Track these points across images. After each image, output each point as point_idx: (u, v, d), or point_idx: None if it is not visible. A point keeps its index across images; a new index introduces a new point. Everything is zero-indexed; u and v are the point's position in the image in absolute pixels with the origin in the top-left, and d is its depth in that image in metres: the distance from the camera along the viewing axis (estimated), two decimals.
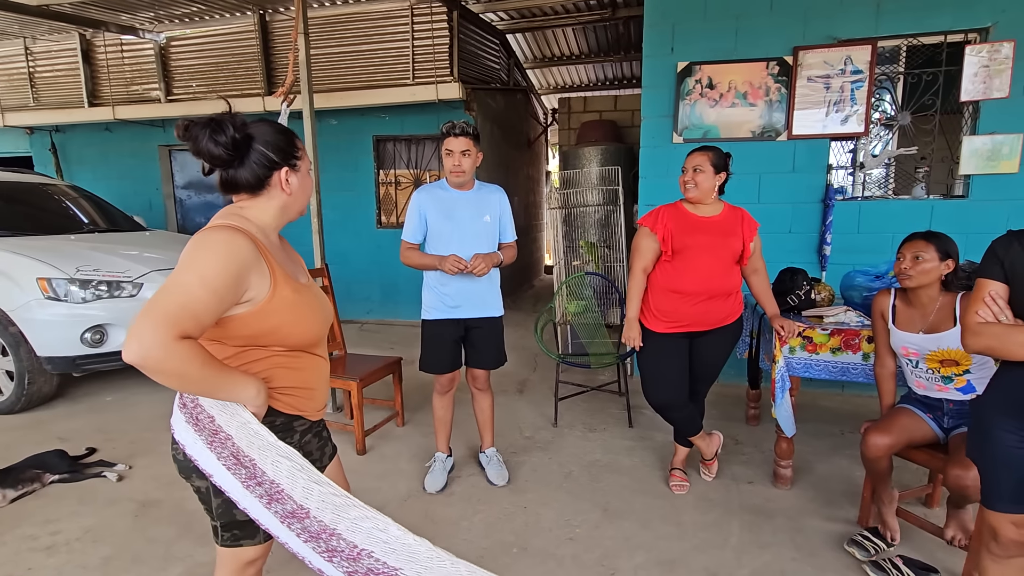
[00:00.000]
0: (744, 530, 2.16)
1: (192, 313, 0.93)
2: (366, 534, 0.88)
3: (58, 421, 3.29)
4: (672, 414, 2.36)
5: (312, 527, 0.92)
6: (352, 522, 0.90)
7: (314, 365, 1.21)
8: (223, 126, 1.03)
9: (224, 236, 1.01)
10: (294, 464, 0.96)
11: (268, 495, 0.96)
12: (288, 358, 1.14)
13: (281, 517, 0.95)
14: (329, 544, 0.90)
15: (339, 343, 3.17)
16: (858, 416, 3.23)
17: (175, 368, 0.91)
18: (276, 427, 1.15)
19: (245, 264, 1.01)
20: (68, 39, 6.08)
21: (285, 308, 1.08)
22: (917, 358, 1.95)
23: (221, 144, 1.03)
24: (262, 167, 1.09)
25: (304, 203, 1.21)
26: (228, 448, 1.00)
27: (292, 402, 1.17)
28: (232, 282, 0.98)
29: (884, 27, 3.29)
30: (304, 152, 1.18)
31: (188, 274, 0.95)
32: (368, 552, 0.88)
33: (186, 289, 0.94)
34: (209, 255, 0.98)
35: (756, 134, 3.55)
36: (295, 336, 1.13)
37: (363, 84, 5.38)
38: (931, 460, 1.92)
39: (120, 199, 5.87)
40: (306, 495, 0.93)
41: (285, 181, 1.12)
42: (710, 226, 2.21)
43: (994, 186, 3.26)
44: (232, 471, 0.99)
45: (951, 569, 1.89)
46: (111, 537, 2.13)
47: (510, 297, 6.27)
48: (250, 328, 1.06)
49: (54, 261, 3.33)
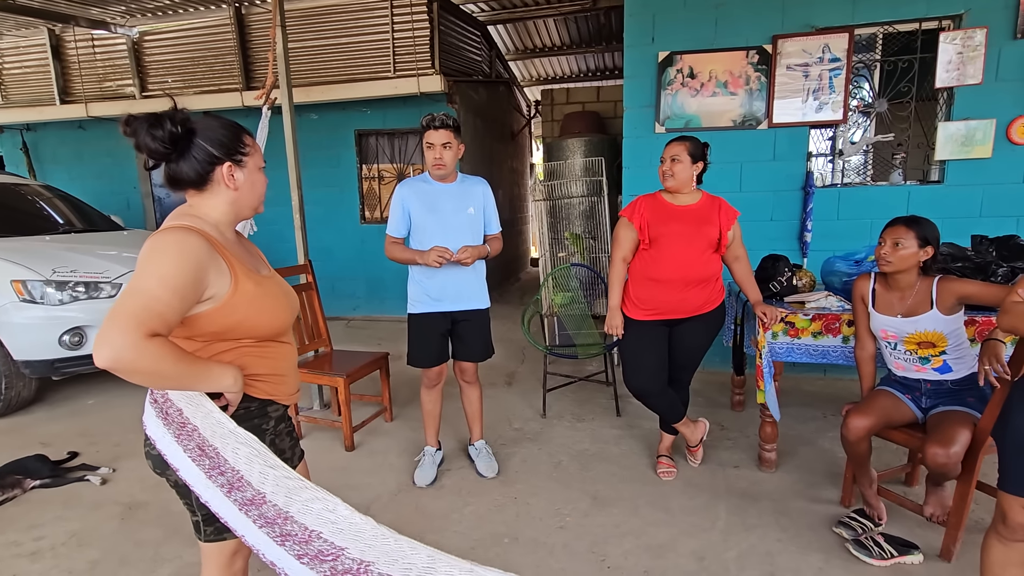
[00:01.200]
0: (731, 513, 2.20)
1: (156, 313, 0.93)
2: (316, 515, 0.89)
3: (39, 426, 3.23)
4: (651, 400, 2.39)
5: (268, 513, 0.93)
6: (303, 504, 0.91)
7: (283, 352, 1.23)
8: (161, 120, 1.04)
9: (176, 236, 1.02)
10: (252, 450, 0.97)
11: (229, 484, 0.97)
12: (257, 348, 1.16)
13: (240, 505, 0.96)
14: (284, 529, 0.91)
15: (325, 340, 3.15)
16: (840, 399, 3.30)
17: (149, 366, 0.92)
18: (252, 412, 1.17)
19: (201, 261, 1.02)
20: (37, 34, 5.91)
21: (249, 301, 1.10)
22: (896, 340, 1.99)
23: (158, 139, 1.04)
24: (203, 162, 1.09)
25: (255, 200, 1.19)
26: (194, 440, 1.01)
27: (265, 387, 1.18)
28: (191, 280, 0.99)
29: (860, 15, 3.33)
30: (254, 148, 1.17)
31: (146, 278, 0.96)
32: (318, 533, 0.89)
33: (147, 291, 0.95)
34: (164, 257, 0.99)
35: (737, 123, 3.58)
36: (262, 327, 1.15)
37: (343, 78, 5.30)
38: (910, 440, 1.97)
39: (97, 198, 5.75)
40: (262, 480, 0.95)
41: (229, 176, 1.12)
42: (686, 215, 2.24)
43: (969, 171, 3.32)
44: (196, 462, 1.01)
45: (930, 544, 1.95)
46: (97, 541, 2.11)
47: (496, 290, 6.27)
48: (217, 324, 1.08)
49: (29, 263, 3.25)
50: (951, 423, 1.77)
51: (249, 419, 1.16)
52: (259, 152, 1.19)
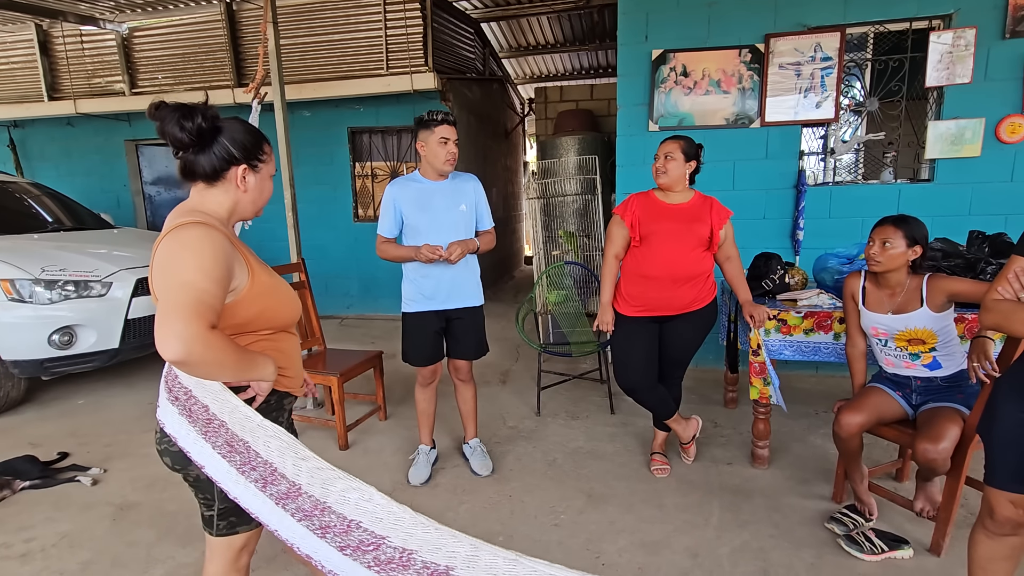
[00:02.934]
0: (724, 510, 2.21)
1: (209, 305, 0.96)
2: (354, 505, 0.89)
3: (28, 426, 3.20)
4: (641, 396, 2.40)
5: (305, 505, 0.92)
6: (340, 493, 0.90)
7: (292, 343, 1.27)
8: (193, 113, 1.06)
9: (201, 231, 1.03)
10: (282, 443, 0.97)
11: (263, 478, 0.97)
12: (272, 340, 1.19)
13: (276, 499, 0.95)
14: (322, 520, 0.91)
15: (319, 338, 3.13)
16: (831, 396, 3.33)
17: (215, 357, 0.94)
18: (271, 406, 1.20)
19: (228, 254, 1.05)
20: (24, 30, 5.83)
21: (267, 292, 1.14)
22: (886, 337, 2.01)
23: (186, 129, 1.05)
24: (221, 159, 1.12)
25: (256, 207, 1.22)
26: (222, 436, 1.01)
27: (282, 380, 1.21)
28: (225, 271, 1.02)
29: (852, 14, 3.36)
30: (270, 158, 1.20)
31: (189, 272, 0.97)
32: (357, 523, 0.88)
33: (195, 284, 0.96)
34: (199, 250, 1.00)
35: (730, 121, 3.60)
36: (280, 317, 1.19)
37: (336, 75, 5.27)
38: (900, 436, 1.99)
39: (86, 196, 5.69)
40: (296, 472, 0.94)
41: (242, 178, 1.14)
42: (677, 213, 2.25)
43: (958, 170, 3.36)
44: (227, 459, 1.00)
45: (920, 540, 1.97)
46: (89, 542, 2.09)
47: (491, 288, 6.27)
48: (240, 315, 1.10)
49: (17, 261, 3.21)
50: (941, 419, 1.79)
51: (268, 412, 1.17)
52: (273, 163, 1.23)
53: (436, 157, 2.25)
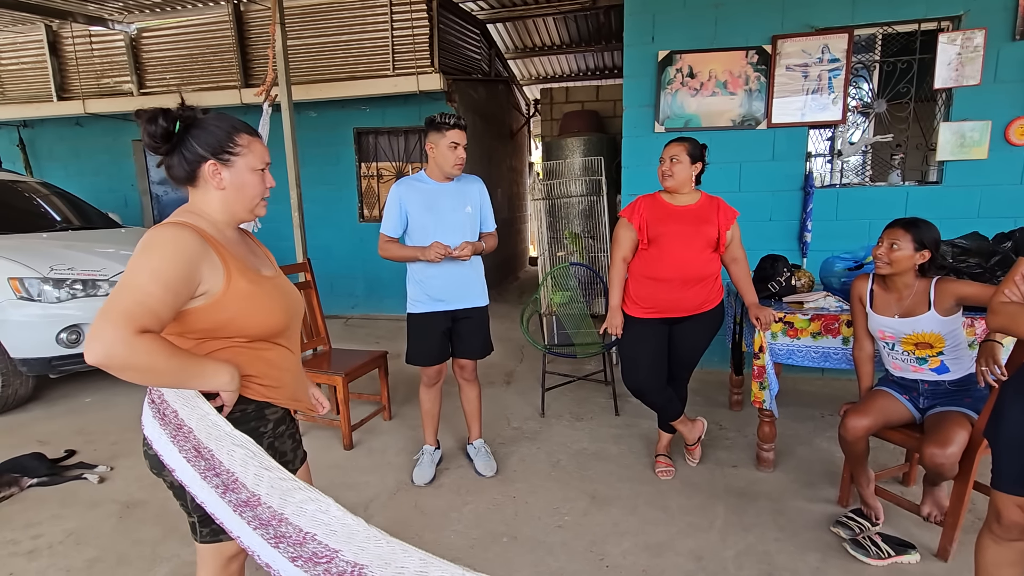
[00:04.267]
0: (729, 513, 2.20)
1: (148, 309, 0.93)
2: (310, 517, 0.89)
3: (36, 424, 3.22)
4: (648, 398, 2.40)
5: (263, 515, 0.93)
6: (298, 505, 0.90)
7: (279, 353, 1.20)
8: (157, 116, 1.04)
9: (168, 232, 1.02)
10: (247, 452, 0.96)
11: (224, 485, 0.97)
12: (250, 348, 1.14)
13: (235, 507, 0.96)
14: (278, 531, 0.91)
15: (323, 338, 3.14)
16: (837, 399, 3.31)
17: (142, 362, 0.91)
18: (249, 415, 1.16)
19: (193, 257, 1.01)
20: (34, 30, 5.88)
21: (241, 299, 1.09)
22: (893, 341, 2.00)
23: (150, 134, 1.05)
24: (190, 160, 1.09)
25: (246, 202, 1.15)
26: (190, 441, 1.01)
27: (261, 390, 1.17)
28: (184, 275, 0.99)
29: (860, 15, 3.34)
30: (248, 148, 1.13)
31: (138, 273, 0.96)
32: (312, 535, 0.88)
33: (138, 287, 0.94)
34: (156, 252, 0.99)
35: (736, 123, 3.58)
36: (253, 326, 1.13)
37: (342, 75, 5.29)
38: (907, 440, 1.97)
39: (94, 196, 5.72)
40: (257, 481, 0.94)
41: (213, 174, 1.10)
42: (684, 214, 2.25)
43: (966, 172, 3.33)
44: (192, 463, 1.01)
45: (927, 545, 1.95)
46: (95, 539, 2.10)
47: (495, 289, 6.27)
48: (207, 320, 1.07)
49: (26, 260, 3.24)
50: (948, 424, 1.78)
51: (246, 422, 1.14)
52: (256, 153, 1.14)
53: (445, 161, 2.26)
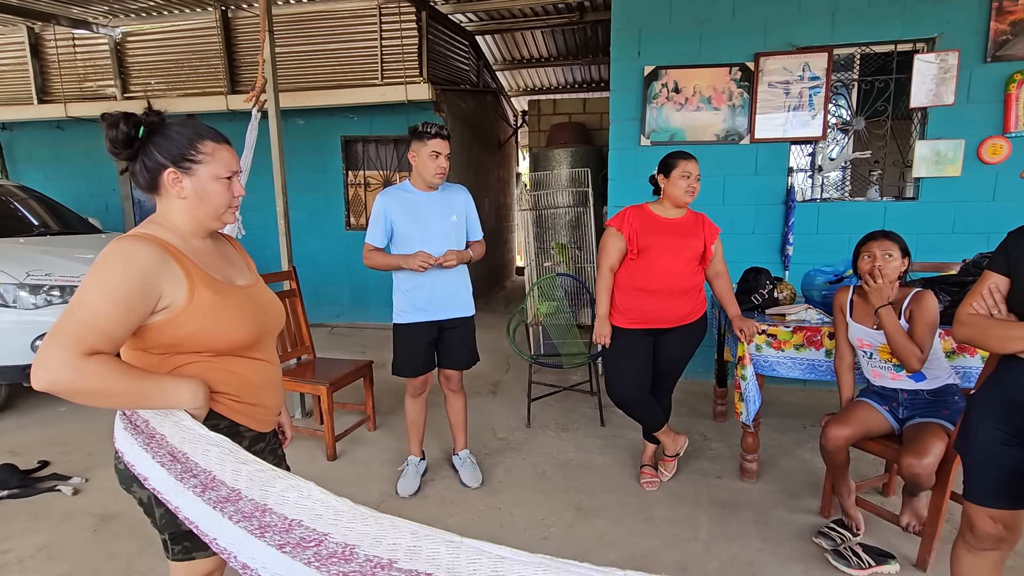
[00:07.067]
0: (713, 523, 2.22)
1: (95, 329, 0.90)
2: (294, 504, 0.87)
3: (8, 434, 3.13)
4: (632, 409, 2.41)
5: (245, 508, 0.91)
6: (280, 494, 0.88)
7: (254, 370, 1.14)
8: (119, 121, 1.01)
9: (124, 246, 0.97)
10: (223, 450, 0.94)
11: (203, 484, 0.95)
12: (218, 362, 1.09)
13: (214, 503, 0.93)
14: (262, 520, 0.89)
15: (308, 347, 3.11)
16: (819, 410, 3.35)
17: (90, 386, 0.88)
18: (220, 431, 1.11)
19: (149, 271, 0.97)
20: (15, 32, 5.79)
21: (204, 312, 1.03)
22: (871, 349, 2.04)
23: (110, 139, 1.02)
24: (148, 168, 1.05)
25: (210, 213, 1.09)
26: (164, 447, 0.99)
27: (231, 405, 1.12)
28: (138, 291, 0.95)
29: (839, 35, 3.43)
30: (212, 156, 1.07)
31: (86, 291, 0.93)
32: (298, 522, 0.86)
33: (86, 305, 0.91)
34: (106, 268, 0.95)
35: (720, 137, 3.65)
36: (217, 340, 1.07)
37: (331, 84, 5.29)
38: (886, 451, 2.01)
39: (74, 200, 5.61)
40: (236, 477, 0.92)
41: (173, 183, 1.05)
42: (673, 227, 2.28)
43: (941, 188, 3.43)
44: (168, 467, 0.98)
45: (906, 554, 1.98)
46: (68, 553, 2.04)
47: (482, 299, 6.26)
48: (168, 335, 1.02)
49: (1, 265, 3.16)
50: (926, 435, 1.82)
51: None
52: (221, 161, 1.08)
53: (426, 169, 2.27)
